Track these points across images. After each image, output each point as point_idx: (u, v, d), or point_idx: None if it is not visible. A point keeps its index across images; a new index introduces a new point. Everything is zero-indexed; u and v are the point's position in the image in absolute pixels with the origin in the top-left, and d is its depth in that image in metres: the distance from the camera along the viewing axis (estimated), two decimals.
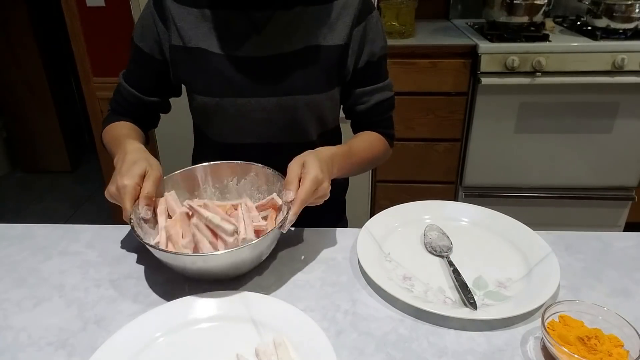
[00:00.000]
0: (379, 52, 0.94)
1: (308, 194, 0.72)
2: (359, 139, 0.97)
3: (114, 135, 0.92)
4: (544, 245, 0.79)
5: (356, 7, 0.89)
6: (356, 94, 0.96)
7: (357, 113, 0.99)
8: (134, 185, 0.72)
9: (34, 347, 0.64)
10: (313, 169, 0.74)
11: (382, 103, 0.98)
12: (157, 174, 0.76)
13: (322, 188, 0.75)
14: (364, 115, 0.98)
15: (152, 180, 0.74)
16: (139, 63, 0.95)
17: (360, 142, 0.96)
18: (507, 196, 2.09)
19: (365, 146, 0.96)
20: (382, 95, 0.97)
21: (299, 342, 0.62)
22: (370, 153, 0.97)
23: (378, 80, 0.96)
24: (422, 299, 0.70)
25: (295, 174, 0.74)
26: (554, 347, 0.58)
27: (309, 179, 0.73)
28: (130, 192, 0.72)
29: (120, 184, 0.72)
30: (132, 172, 0.73)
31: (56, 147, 3.08)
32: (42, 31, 2.85)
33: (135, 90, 0.95)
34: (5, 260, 0.82)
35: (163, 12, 0.90)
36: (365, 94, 0.96)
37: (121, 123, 0.95)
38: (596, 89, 1.86)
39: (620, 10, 1.88)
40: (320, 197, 0.76)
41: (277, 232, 0.72)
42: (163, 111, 1.03)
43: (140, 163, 0.75)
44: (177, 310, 0.67)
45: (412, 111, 1.99)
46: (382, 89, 0.97)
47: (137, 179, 0.73)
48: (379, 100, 0.97)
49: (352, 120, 1.03)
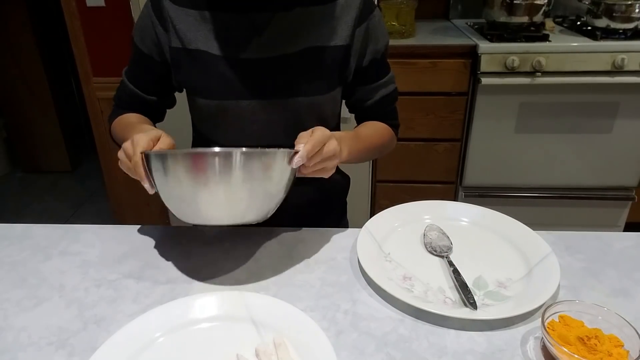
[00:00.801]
0: (383, 49, 0.95)
1: (318, 140, 0.73)
2: (365, 126, 0.99)
3: (126, 123, 0.92)
4: (544, 245, 0.79)
5: (357, 7, 0.89)
6: (362, 91, 0.97)
7: (363, 109, 1.00)
8: (148, 140, 0.72)
9: (34, 347, 0.64)
10: (320, 129, 0.76)
11: (386, 97, 0.99)
12: (171, 140, 0.76)
13: (331, 144, 0.75)
14: (369, 110, 1.00)
15: (166, 143, 0.74)
16: (138, 63, 0.95)
17: (366, 129, 0.98)
18: (507, 196, 2.09)
19: (372, 132, 0.98)
20: (387, 90, 0.99)
21: (299, 342, 0.62)
22: (378, 139, 0.98)
23: (382, 76, 0.98)
24: (422, 299, 0.70)
25: (306, 134, 0.75)
26: (554, 347, 0.58)
27: (318, 133, 0.74)
28: (143, 145, 0.71)
29: (135, 138, 0.72)
30: (148, 133, 0.74)
31: (56, 147, 3.08)
32: (42, 31, 2.85)
33: (136, 88, 0.96)
34: (5, 260, 0.82)
35: (161, 14, 0.89)
36: (371, 91, 0.97)
37: (130, 114, 0.96)
38: (596, 89, 1.86)
39: (620, 10, 1.88)
40: (329, 158, 0.75)
41: (290, 168, 0.71)
42: (167, 107, 1.03)
43: (156, 130, 0.76)
44: (177, 310, 0.67)
45: (412, 111, 1.99)
46: (386, 84, 0.98)
47: (151, 137, 0.73)
48: (384, 94, 0.98)
49: (357, 114, 1.04)
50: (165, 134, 0.76)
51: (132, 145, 0.71)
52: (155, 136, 0.74)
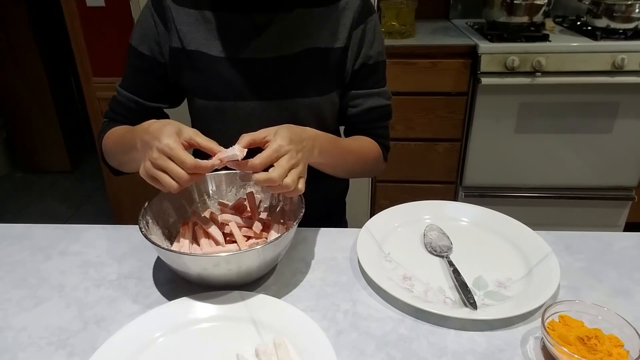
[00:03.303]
0: (376, 57, 0.93)
1: (263, 159, 0.67)
2: (350, 137, 0.97)
3: (119, 133, 0.86)
4: (544, 245, 0.79)
5: (356, 9, 0.89)
6: (349, 95, 0.94)
7: (349, 116, 0.96)
8: (179, 141, 0.64)
9: (34, 347, 0.64)
10: (279, 137, 0.69)
11: (374, 109, 0.95)
12: (194, 130, 0.68)
13: (285, 158, 0.68)
14: (356, 119, 0.96)
15: (200, 136, 0.67)
16: (139, 68, 0.91)
17: (350, 140, 0.95)
18: (507, 196, 2.09)
19: (355, 143, 0.94)
20: (376, 102, 0.95)
21: (299, 342, 0.62)
22: (359, 150, 0.93)
23: (373, 86, 0.94)
24: (422, 299, 0.70)
25: (257, 134, 0.70)
26: (554, 347, 0.58)
27: (270, 147, 0.68)
28: (179, 148, 0.63)
29: (164, 143, 0.63)
30: (167, 131, 0.65)
31: (56, 147, 3.08)
32: (42, 31, 2.85)
33: (135, 96, 0.92)
34: (5, 260, 0.82)
35: (164, 13, 0.88)
36: (358, 97, 0.94)
37: (122, 126, 0.90)
38: (596, 89, 1.86)
39: (620, 10, 1.88)
40: (292, 168, 0.68)
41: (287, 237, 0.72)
42: (165, 117, 0.99)
43: (171, 124, 0.67)
44: (177, 310, 0.67)
45: (412, 111, 1.99)
46: (377, 95, 0.95)
47: (175, 137, 0.65)
48: (372, 105, 0.94)
49: (345, 126, 1.01)
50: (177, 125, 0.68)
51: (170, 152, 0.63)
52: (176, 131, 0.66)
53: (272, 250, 0.69)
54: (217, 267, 0.67)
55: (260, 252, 0.67)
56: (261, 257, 0.69)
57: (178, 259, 0.68)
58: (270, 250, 0.69)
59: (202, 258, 0.68)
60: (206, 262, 0.67)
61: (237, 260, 0.67)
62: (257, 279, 0.74)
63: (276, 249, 0.70)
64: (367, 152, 0.95)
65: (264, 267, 0.72)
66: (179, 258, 0.67)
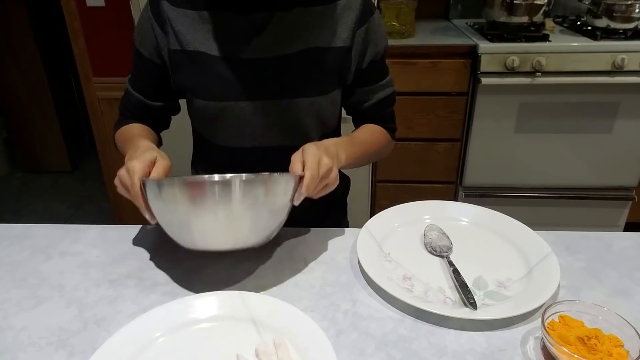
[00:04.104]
0: (382, 52, 0.95)
1: (313, 167, 0.72)
2: (361, 130, 0.99)
3: (126, 136, 0.92)
4: (544, 245, 0.79)
5: (357, 8, 0.89)
6: (359, 92, 0.97)
7: (361, 111, 1.00)
8: (144, 167, 0.71)
9: (34, 347, 0.64)
10: (310, 150, 0.75)
11: (384, 100, 0.99)
12: (167, 162, 0.75)
13: (324, 165, 0.74)
14: (367, 112, 1.00)
15: (163, 167, 0.74)
16: (140, 68, 0.94)
17: (362, 133, 0.98)
18: (507, 196, 2.09)
19: (368, 136, 0.98)
20: (385, 92, 0.99)
21: (299, 342, 0.62)
22: (374, 143, 0.98)
23: (381, 78, 0.98)
24: (422, 299, 0.70)
25: (298, 159, 0.75)
26: (554, 347, 0.58)
27: (309, 158, 0.73)
28: (139, 172, 0.70)
29: (130, 166, 0.71)
30: (143, 157, 0.73)
31: (56, 147, 3.08)
32: (42, 31, 2.85)
33: (140, 95, 0.95)
34: (5, 260, 0.82)
35: (160, 16, 0.88)
36: (369, 92, 0.97)
37: (133, 125, 0.96)
38: (596, 89, 1.86)
39: (620, 10, 1.88)
40: (326, 177, 0.75)
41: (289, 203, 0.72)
42: (172, 113, 1.02)
43: (151, 152, 0.75)
44: (177, 310, 0.67)
45: (412, 111, 1.99)
46: (384, 86, 0.99)
47: (147, 162, 0.72)
48: (382, 97, 0.98)
49: (354, 116, 1.04)
50: (160, 154, 0.76)
51: (129, 174, 0.71)
52: (150, 160, 0.73)
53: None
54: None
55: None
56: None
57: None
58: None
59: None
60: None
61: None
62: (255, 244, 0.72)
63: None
64: (379, 142, 1.00)
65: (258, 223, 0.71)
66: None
